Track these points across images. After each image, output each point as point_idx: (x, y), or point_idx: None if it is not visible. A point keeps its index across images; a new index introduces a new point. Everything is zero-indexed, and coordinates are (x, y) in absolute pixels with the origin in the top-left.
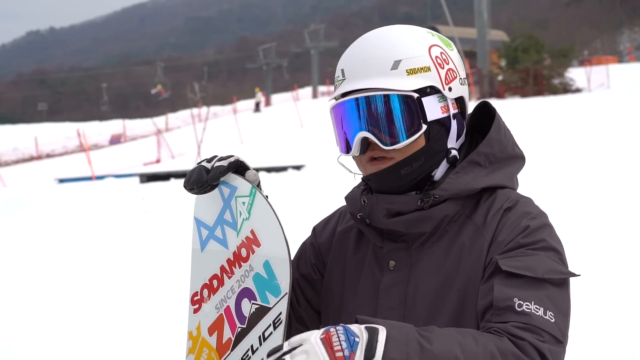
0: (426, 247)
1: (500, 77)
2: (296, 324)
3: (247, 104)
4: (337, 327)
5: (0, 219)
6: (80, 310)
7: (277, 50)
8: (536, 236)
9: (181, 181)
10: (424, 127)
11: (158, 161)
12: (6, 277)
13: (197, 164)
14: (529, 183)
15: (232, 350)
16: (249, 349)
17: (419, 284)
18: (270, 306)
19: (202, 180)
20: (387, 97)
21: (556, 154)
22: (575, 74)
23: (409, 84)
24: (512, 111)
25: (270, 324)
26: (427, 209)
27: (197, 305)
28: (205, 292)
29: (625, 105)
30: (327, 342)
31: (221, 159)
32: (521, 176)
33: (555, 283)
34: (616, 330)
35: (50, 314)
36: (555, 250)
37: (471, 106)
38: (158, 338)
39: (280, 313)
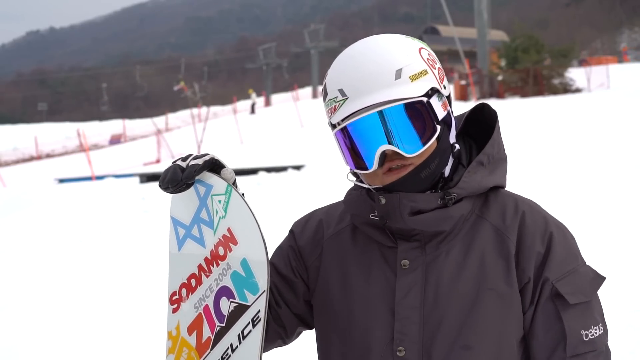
0: (441, 247)
1: (500, 77)
2: (274, 324)
3: (247, 104)
4: None
5: (0, 219)
6: (80, 310)
7: (277, 50)
8: (567, 249)
9: None
10: (439, 128)
11: (158, 161)
12: (6, 277)
13: (172, 162)
14: (530, 182)
15: (211, 349)
16: (228, 347)
17: (439, 283)
18: (249, 304)
19: (177, 179)
20: (400, 107)
21: (556, 154)
22: (575, 74)
23: (417, 90)
24: (512, 111)
25: (249, 322)
26: (448, 207)
27: (175, 305)
28: (184, 291)
29: (625, 105)
30: None
31: (196, 157)
32: (522, 176)
33: (595, 295)
34: (616, 330)
35: (50, 314)
36: (582, 258)
37: (469, 107)
38: (158, 337)
39: (259, 311)
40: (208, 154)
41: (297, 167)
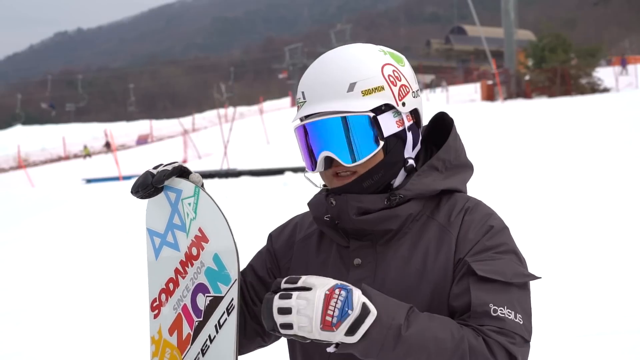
0: (391, 244)
1: (527, 77)
2: (251, 322)
3: (274, 104)
4: (342, 292)
5: (29, 218)
6: (109, 309)
7: (303, 50)
8: (499, 239)
9: (209, 181)
10: (381, 143)
11: (185, 161)
12: (35, 276)
13: (144, 172)
14: (559, 182)
15: (192, 344)
16: (207, 339)
17: (385, 278)
18: (223, 295)
19: (146, 183)
20: (345, 119)
21: (584, 154)
22: (603, 74)
23: (365, 105)
24: (539, 111)
25: (224, 311)
26: (393, 208)
27: (156, 311)
28: (163, 296)
29: None
30: (327, 300)
31: (166, 165)
32: (549, 176)
33: (520, 286)
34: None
35: (79, 312)
36: (515, 253)
37: (496, 108)
38: None
39: (232, 299)
40: (176, 162)
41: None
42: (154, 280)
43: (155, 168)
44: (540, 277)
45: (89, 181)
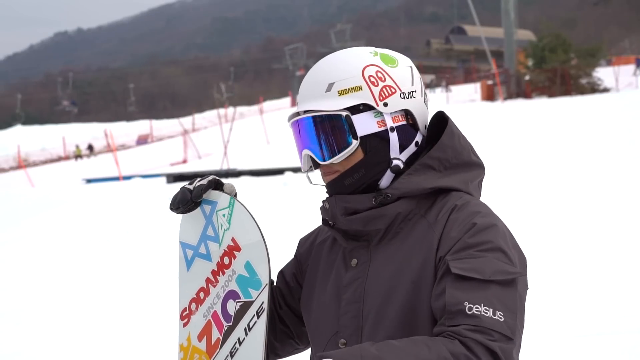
0: (383, 244)
1: (527, 77)
2: (279, 324)
3: (274, 104)
4: None
5: (29, 218)
6: (108, 309)
7: (303, 50)
8: (483, 237)
9: None
10: (354, 142)
11: (185, 161)
12: (35, 276)
13: (180, 188)
14: (559, 182)
15: (220, 348)
16: (236, 342)
17: (377, 278)
18: (253, 299)
19: (186, 199)
20: (318, 117)
21: (584, 154)
22: (603, 74)
23: (339, 104)
24: (539, 111)
25: (254, 315)
26: (380, 207)
27: (186, 320)
28: (193, 305)
29: None
30: None
31: (201, 179)
32: (551, 173)
33: (502, 283)
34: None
35: (78, 312)
36: (502, 251)
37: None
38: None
39: (263, 302)
40: (210, 175)
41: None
42: (185, 291)
43: (190, 184)
44: (524, 274)
45: (89, 181)
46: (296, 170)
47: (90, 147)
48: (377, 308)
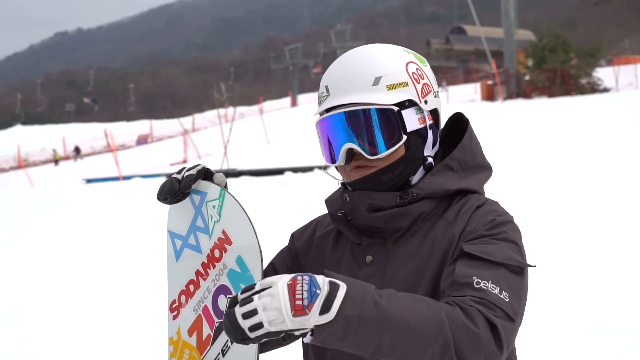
0: (401, 242)
1: (527, 77)
2: None
3: (274, 104)
4: (304, 277)
5: (29, 219)
6: (108, 309)
7: (303, 50)
8: (499, 229)
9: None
10: (404, 137)
11: (185, 161)
12: (35, 276)
13: (167, 177)
14: (559, 182)
15: (211, 345)
16: (227, 339)
17: (394, 276)
18: None
19: (174, 189)
20: (369, 111)
21: (584, 154)
22: (603, 74)
23: (390, 98)
24: (539, 111)
25: None
26: (405, 206)
27: (175, 312)
28: (183, 298)
29: None
30: (292, 288)
31: (190, 169)
32: (551, 173)
33: (512, 270)
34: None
35: (77, 313)
36: (515, 243)
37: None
38: None
39: None
40: (199, 164)
41: (324, 167)
42: (173, 282)
43: (178, 173)
44: (534, 266)
45: (89, 181)
46: (296, 170)
47: (77, 150)
48: None
